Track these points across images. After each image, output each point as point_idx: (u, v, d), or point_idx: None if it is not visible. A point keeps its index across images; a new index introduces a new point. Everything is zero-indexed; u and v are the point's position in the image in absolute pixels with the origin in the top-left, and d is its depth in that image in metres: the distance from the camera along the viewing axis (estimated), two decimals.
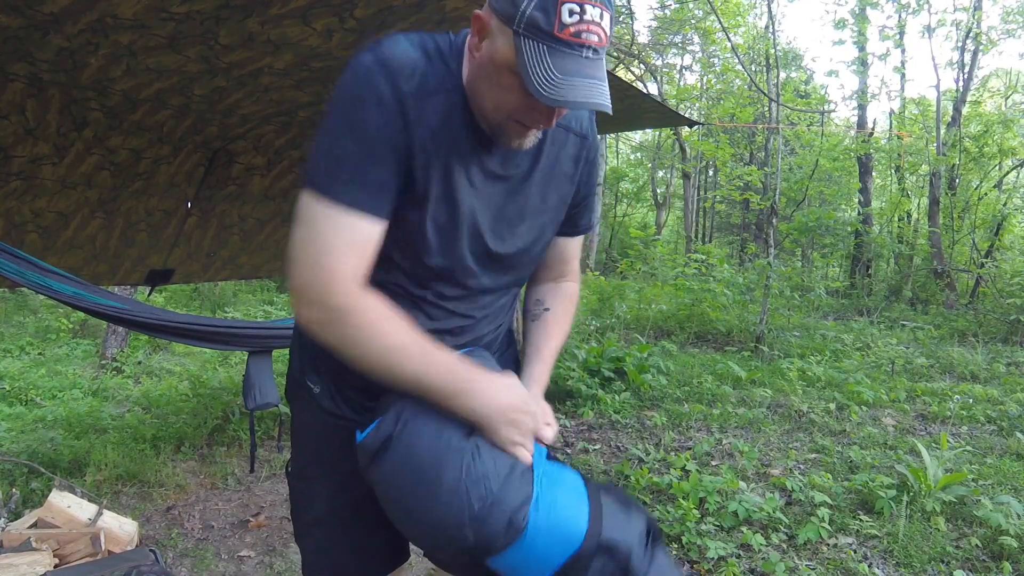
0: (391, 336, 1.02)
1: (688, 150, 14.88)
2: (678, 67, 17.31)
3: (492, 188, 1.13)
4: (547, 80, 0.93)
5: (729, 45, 9.62)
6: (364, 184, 1.01)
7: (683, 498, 3.15)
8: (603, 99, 0.96)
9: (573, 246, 1.37)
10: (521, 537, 0.98)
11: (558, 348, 1.30)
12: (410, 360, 1.02)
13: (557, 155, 1.19)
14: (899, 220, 13.61)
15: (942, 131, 11.40)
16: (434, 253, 1.11)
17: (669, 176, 19.75)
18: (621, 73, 11.45)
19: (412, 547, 1.35)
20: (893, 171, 14.37)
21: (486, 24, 1.00)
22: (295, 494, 1.35)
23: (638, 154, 22.17)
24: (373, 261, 1.06)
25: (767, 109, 11.29)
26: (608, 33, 0.97)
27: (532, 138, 1.08)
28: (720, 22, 8.04)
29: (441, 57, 1.07)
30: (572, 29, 0.93)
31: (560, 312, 1.34)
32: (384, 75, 1.01)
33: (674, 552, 2.85)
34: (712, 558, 2.76)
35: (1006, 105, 14.97)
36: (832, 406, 4.94)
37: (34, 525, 2.56)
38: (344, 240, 1.01)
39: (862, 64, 13.25)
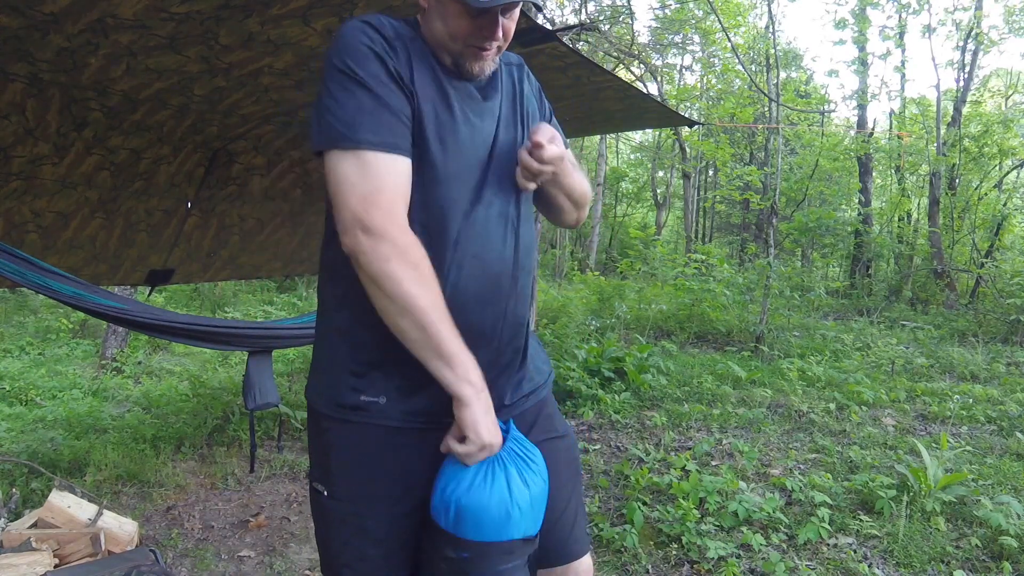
0: (431, 290, 1.08)
1: (688, 150, 14.87)
2: (678, 67, 17.28)
3: (477, 107, 1.25)
4: None
5: (729, 45, 9.61)
6: (385, 125, 1.11)
7: (683, 498, 3.15)
8: None
9: None
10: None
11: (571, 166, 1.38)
12: (435, 321, 1.08)
13: (512, 83, 1.35)
14: (899, 220, 13.59)
15: (942, 131, 11.39)
16: (442, 179, 1.18)
17: (669, 176, 19.72)
18: (621, 73, 11.44)
19: None
20: (893, 171, 14.36)
21: None
22: (338, 517, 1.24)
23: (638, 154, 22.17)
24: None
25: (767, 109, 11.29)
26: None
27: (490, 63, 1.22)
28: (720, 22, 8.05)
29: (404, 22, 1.23)
30: None
31: None
32: (370, 31, 1.15)
33: (674, 552, 2.85)
34: (712, 558, 2.75)
35: (1006, 105, 14.96)
36: (832, 406, 4.93)
37: (34, 525, 2.56)
38: (391, 181, 1.10)
39: (862, 64, 13.23)
